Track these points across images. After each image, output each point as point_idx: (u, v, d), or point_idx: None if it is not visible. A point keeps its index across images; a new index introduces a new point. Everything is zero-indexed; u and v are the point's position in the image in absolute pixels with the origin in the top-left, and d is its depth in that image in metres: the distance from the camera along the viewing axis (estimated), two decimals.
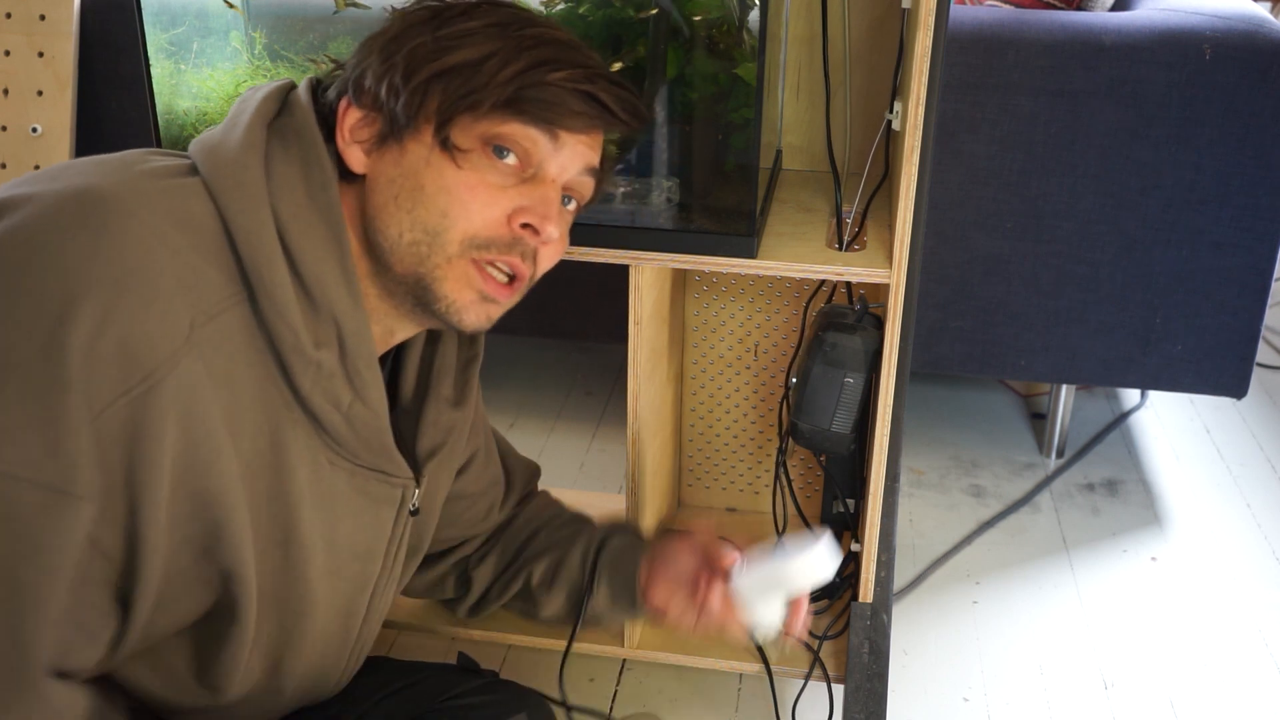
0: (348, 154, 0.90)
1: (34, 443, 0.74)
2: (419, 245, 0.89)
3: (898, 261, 1.17)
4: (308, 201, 0.87)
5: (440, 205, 0.89)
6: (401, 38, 0.90)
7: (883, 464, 1.25)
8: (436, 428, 1.05)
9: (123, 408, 0.75)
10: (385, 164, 0.90)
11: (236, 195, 0.84)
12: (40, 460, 0.74)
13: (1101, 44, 1.68)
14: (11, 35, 1.95)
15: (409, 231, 0.89)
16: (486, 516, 1.25)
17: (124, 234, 0.77)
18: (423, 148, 0.89)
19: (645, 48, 1.14)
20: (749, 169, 1.16)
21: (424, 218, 0.89)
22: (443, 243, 0.89)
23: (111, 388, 0.75)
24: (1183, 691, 1.56)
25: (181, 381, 0.78)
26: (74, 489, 0.75)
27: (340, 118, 0.91)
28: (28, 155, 1.96)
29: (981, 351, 1.90)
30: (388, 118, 0.89)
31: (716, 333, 1.55)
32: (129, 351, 0.75)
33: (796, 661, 1.36)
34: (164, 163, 0.86)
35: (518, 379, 2.32)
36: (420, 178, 0.89)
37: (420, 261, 0.90)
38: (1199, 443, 2.18)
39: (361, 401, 0.90)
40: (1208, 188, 1.73)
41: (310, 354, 0.85)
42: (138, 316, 0.75)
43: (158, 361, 0.76)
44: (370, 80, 0.90)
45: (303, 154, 0.88)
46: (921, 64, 1.09)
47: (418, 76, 0.88)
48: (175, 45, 1.24)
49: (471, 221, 0.89)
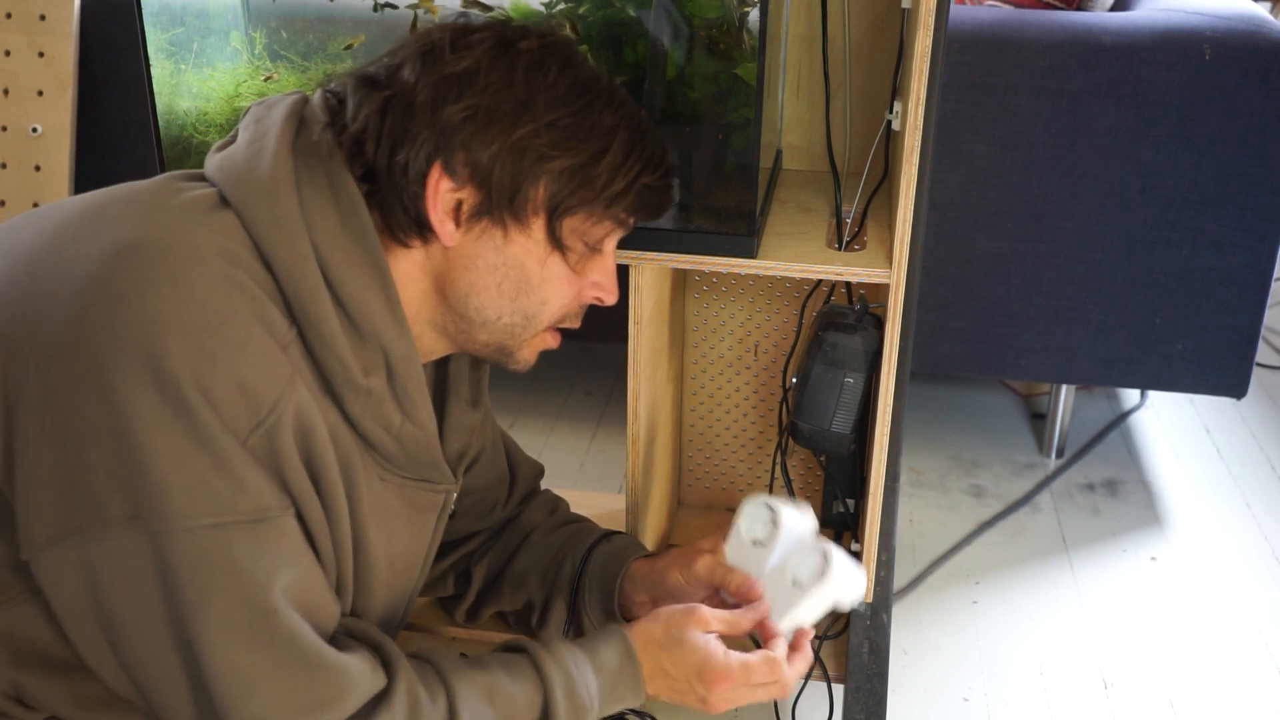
0: (440, 229, 0.90)
1: (218, 486, 0.78)
2: (515, 326, 0.96)
3: (898, 261, 1.16)
4: (342, 229, 0.87)
5: (542, 296, 0.95)
6: (495, 108, 0.88)
7: (883, 464, 1.25)
8: (461, 429, 1.07)
9: (261, 437, 0.80)
10: (484, 247, 0.92)
11: (274, 230, 0.84)
12: (233, 500, 0.79)
13: (1101, 44, 1.68)
14: (11, 35, 1.95)
15: (509, 316, 0.95)
16: (490, 512, 1.25)
17: (199, 279, 0.79)
18: (531, 243, 0.92)
19: (645, 48, 1.14)
20: (749, 169, 1.16)
21: (525, 306, 0.95)
22: (535, 325, 0.97)
23: (246, 422, 0.79)
24: (1183, 691, 1.56)
25: (298, 404, 0.83)
26: (271, 511, 0.81)
27: (431, 189, 0.89)
28: (28, 155, 1.96)
29: (981, 351, 1.90)
30: (488, 199, 0.90)
31: (716, 333, 1.55)
32: (247, 390, 0.79)
33: None
34: (193, 194, 0.86)
35: (518, 379, 2.32)
36: (527, 271, 0.93)
37: (510, 337, 0.97)
38: (1199, 443, 2.18)
39: (411, 422, 0.93)
40: (1208, 188, 1.73)
41: (360, 382, 0.88)
42: (243, 354, 0.79)
43: (279, 392, 0.81)
44: (469, 157, 0.89)
45: (329, 177, 0.88)
46: (921, 64, 1.09)
47: (530, 171, 0.89)
48: (175, 45, 1.24)
49: (566, 307, 0.98)
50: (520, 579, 1.25)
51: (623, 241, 1.19)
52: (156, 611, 0.79)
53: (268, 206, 0.85)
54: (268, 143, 0.87)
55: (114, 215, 0.82)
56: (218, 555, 0.78)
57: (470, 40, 0.90)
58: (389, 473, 0.95)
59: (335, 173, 0.88)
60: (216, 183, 0.87)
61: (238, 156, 0.88)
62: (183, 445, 0.76)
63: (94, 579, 0.79)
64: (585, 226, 0.94)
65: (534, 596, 1.24)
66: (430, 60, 0.89)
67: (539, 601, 1.24)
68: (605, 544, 1.23)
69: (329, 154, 0.88)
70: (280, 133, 0.88)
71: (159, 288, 0.77)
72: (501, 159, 0.88)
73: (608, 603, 1.19)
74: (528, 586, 1.24)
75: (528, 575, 1.25)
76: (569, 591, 1.21)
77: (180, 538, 0.77)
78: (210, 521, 0.78)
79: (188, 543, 0.77)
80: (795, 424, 1.32)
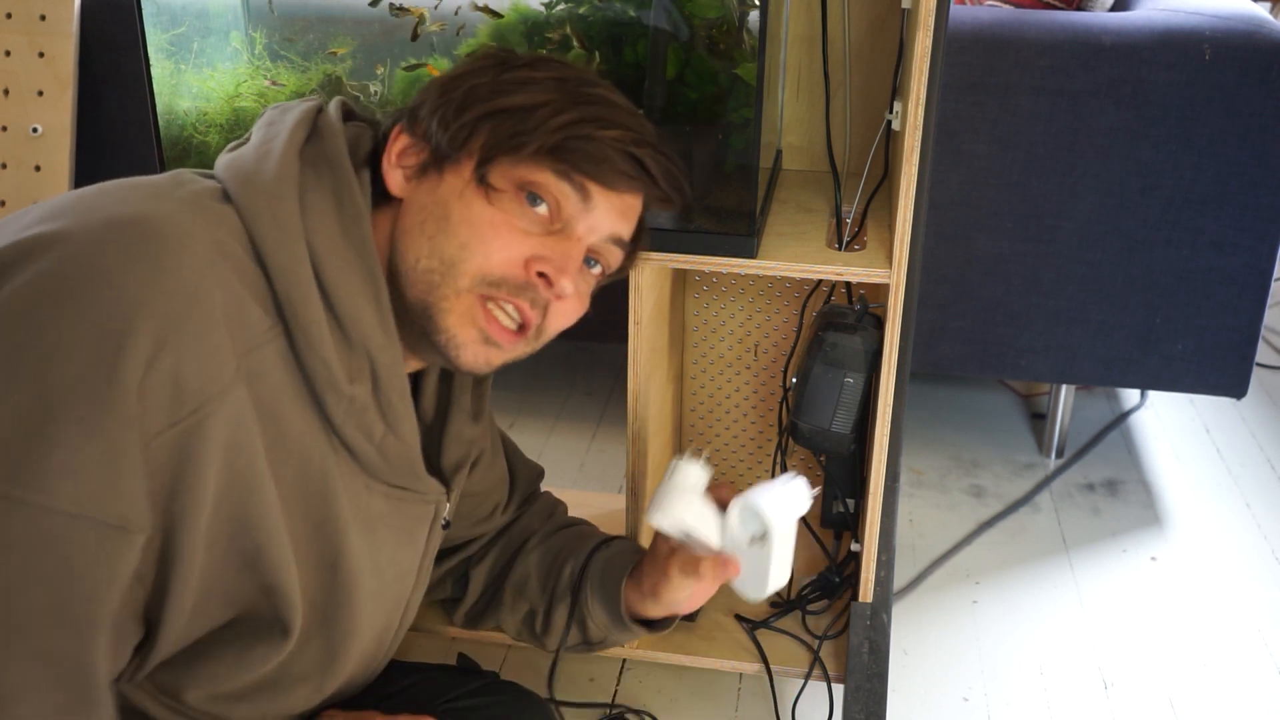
0: (390, 177, 0.91)
1: (97, 480, 0.74)
2: (432, 273, 0.89)
3: (898, 261, 1.16)
4: (341, 234, 0.87)
5: (461, 237, 0.89)
6: (464, 77, 0.92)
7: (883, 464, 1.25)
8: (460, 442, 1.07)
9: (170, 438, 0.76)
10: (421, 191, 0.91)
11: (273, 229, 0.84)
12: (102, 499, 0.75)
13: (1101, 44, 1.68)
14: (11, 35, 1.95)
15: (425, 258, 0.89)
16: (491, 516, 1.25)
17: (180, 266, 0.77)
18: (459, 180, 0.90)
19: (645, 48, 1.14)
20: (749, 169, 1.16)
21: (443, 246, 0.89)
22: (455, 274, 0.89)
23: (162, 418, 0.75)
24: (1183, 691, 1.56)
25: (229, 413, 0.79)
26: (131, 525, 0.76)
27: (390, 142, 0.92)
28: (28, 155, 1.96)
29: (981, 351, 1.90)
30: (434, 148, 0.91)
31: (716, 333, 1.55)
32: (180, 384, 0.75)
33: (796, 661, 1.36)
34: (197, 187, 0.86)
35: (518, 379, 2.32)
36: (448, 207, 0.89)
37: (431, 289, 0.89)
38: (1199, 443, 2.18)
39: (394, 434, 0.92)
40: (1208, 188, 1.73)
41: (344, 389, 0.86)
42: (191, 350, 0.76)
43: (208, 395, 0.77)
44: (425, 111, 0.92)
45: (335, 184, 0.88)
46: (921, 64, 1.09)
47: (469, 113, 0.90)
48: (175, 45, 1.24)
49: (489, 258, 0.89)
50: (520, 586, 1.25)
51: None
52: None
53: (268, 205, 0.84)
54: (276, 145, 0.88)
55: (115, 197, 0.82)
56: (59, 545, 0.74)
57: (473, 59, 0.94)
58: (375, 480, 0.94)
59: (342, 177, 0.88)
60: (222, 180, 0.87)
61: (247, 156, 0.88)
62: (86, 428, 0.73)
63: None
64: (520, 170, 0.90)
65: (535, 604, 1.24)
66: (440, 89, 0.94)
67: (540, 608, 1.24)
68: (605, 549, 1.23)
69: (339, 160, 0.89)
70: (290, 136, 0.88)
71: (138, 269, 0.76)
72: (448, 106, 0.91)
73: (613, 606, 1.19)
74: (528, 594, 1.24)
75: (527, 582, 1.25)
76: (570, 595, 1.21)
77: (33, 513, 0.73)
78: (70, 509, 0.74)
79: (37, 521, 0.73)
80: (795, 424, 1.32)
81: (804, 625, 1.40)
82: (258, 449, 0.82)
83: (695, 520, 1.10)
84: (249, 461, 0.81)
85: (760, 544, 1.09)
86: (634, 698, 1.53)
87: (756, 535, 1.09)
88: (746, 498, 1.09)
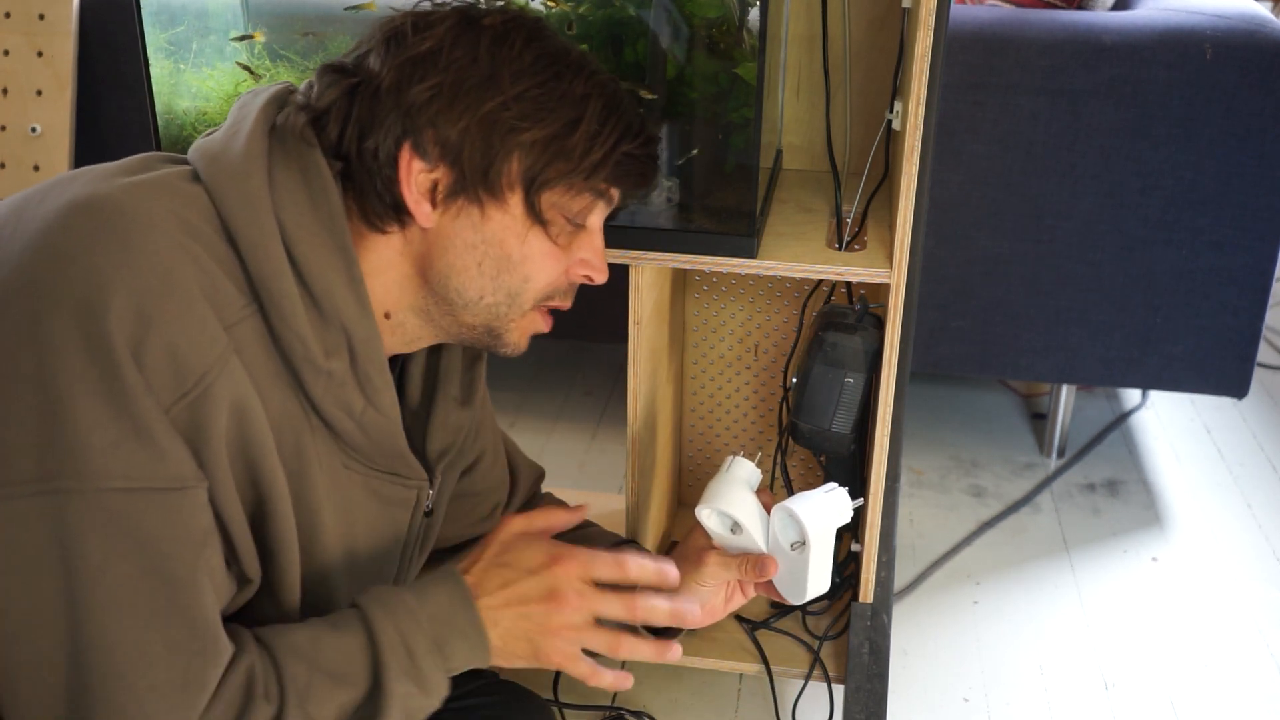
0: (418, 210, 0.89)
1: (136, 451, 0.76)
2: (498, 305, 0.95)
3: (898, 262, 1.16)
4: (310, 209, 0.87)
5: (524, 272, 0.94)
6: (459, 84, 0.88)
7: (883, 464, 1.25)
8: (446, 428, 1.06)
9: (184, 409, 0.78)
10: (461, 226, 0.91)
11: (241, 206, 0.84)
12: (149, 467, 0.77)
13: (1102, 44, 1.68)
14: (11, 35, 1.95)
15: (491, 295, 0.94)
16: (490, 516, 1.25)
17: (149, 243, 0.78)
18: (508, 218, 0.91)
19: (645, 48, 1.14)
20: (749, 169, 1.16)
21: (507, 283, 0.94)
22: (520, 302, 0.95)
23: (171, 391, 0.77)
24: (1183, 691, 1.56)
25: (231, 379, 0.81)
26: (188, 482, 0.79)
27: (404, 170, 0.88)
28: (27, 155, 1.96)
29: (981, 351, 1.90)
30: (462, 176, 0.89)
31: (716, 333, 1.55)
32: (179, 357, 0.77)
33: (796, 662, 1.36)
34: (167, 170, 0.86)
35: (518, 379, 2.32)
36: (507, 248, 0.92)
37: (496, 317, 0.95)
38: (1199, 443, 2.18)
39: (374, 407, 0.92)
40: (1208, 188, 1.73)
41: (320, 363, 0.86)
42: (180, 323, 0.78)
43: (208, 364, 0.79)
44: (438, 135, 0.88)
45: (301, 162, 0.88)
46: (921, 64, 1.09)
47: (502, 145, 0.89)
48: (175, 45, 1.24)
49: (549, 282, 0.96)
50: None
51: (622, 241, 1.20)
52: (48, 583, 0.76)
53: (237, 183, 0.85)
54: (245, 125, 0.88)
55: (84, 179, 0.83)
56: (126, 520, 0.76)
57: (432, 20, 0.91)
58: (355, 462, 0.94)
59: (308, 156, 0.88)
60: (193, 161, 0.88)
61: (216, 138, 0.89)
62: (106, 406, 0.75)
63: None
64: (565, 199, 0.92)
65: None
66: (394, 45, 0.89)
67: None
68: None
69: (303, 138, 0.88)
70: (258, 116, 0.89)
71: (107, 247, 0.76)
72: (470, 134, 0.88)
73: None
74: None
75: None
76: None
77: (91, 499, 0.75)
78: (124, 485, 0.76)
79: (98, 505, 0.75)
80: (795, 424, 1.32)
81: (804, 626, 1.40)
82: (259, 409, 0.84)
83: (747, 516, 1.11)
84: (252, 419, 0.83)
85: (800, 551, 1.10)
86: (634, 698, 1.52)
87: (796, 542, 1.10)
88: (787, 505, 1.09)
